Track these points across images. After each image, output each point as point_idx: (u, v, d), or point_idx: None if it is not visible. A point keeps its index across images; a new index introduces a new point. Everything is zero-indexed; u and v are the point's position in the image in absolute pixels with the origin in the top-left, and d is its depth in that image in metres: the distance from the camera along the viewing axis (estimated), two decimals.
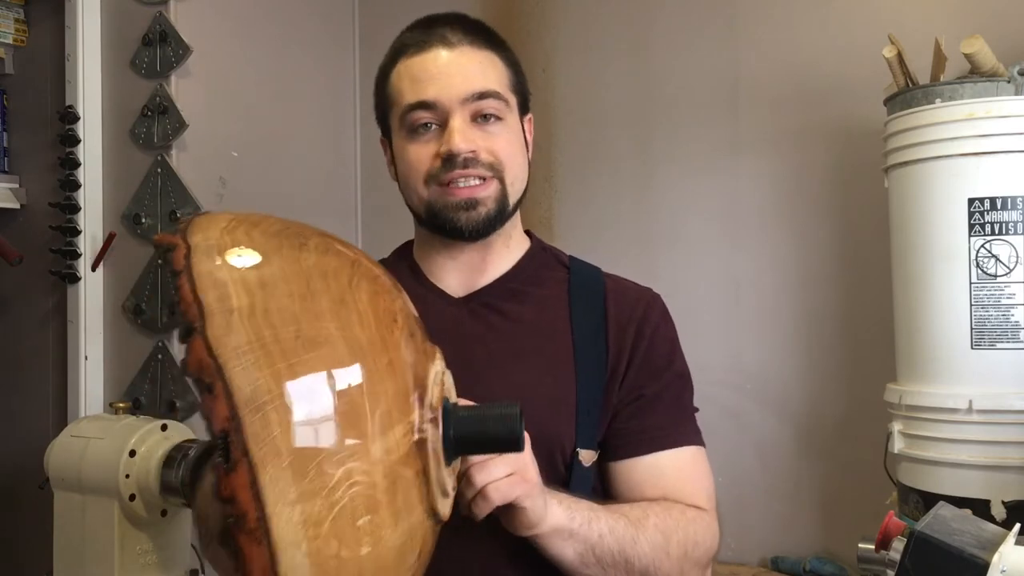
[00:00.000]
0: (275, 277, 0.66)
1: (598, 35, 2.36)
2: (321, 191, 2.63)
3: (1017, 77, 1.47)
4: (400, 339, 0.72)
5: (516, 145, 1.05)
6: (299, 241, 0.72)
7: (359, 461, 0.63)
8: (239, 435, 0.58)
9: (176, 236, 0.67)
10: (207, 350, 0.59)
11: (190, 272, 0.63)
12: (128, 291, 2.23)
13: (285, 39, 2.51)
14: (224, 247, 0.66)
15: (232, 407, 0.58)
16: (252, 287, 0.64)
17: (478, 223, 1.01)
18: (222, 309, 0.62)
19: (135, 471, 1.73)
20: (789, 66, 2.08)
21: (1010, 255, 1.44)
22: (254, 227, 0.71)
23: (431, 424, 0.71)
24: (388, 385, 0.67)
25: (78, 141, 2.20)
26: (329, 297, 0.68)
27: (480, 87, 1.00)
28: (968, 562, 0.73)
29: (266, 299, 0.64)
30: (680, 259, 2.20)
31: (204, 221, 0.69)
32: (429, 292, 1.07)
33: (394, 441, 0.66)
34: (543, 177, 2.41)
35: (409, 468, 0.68)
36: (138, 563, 1.76)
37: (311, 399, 0.62)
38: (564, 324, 1.04)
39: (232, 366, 0.59)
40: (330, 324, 0.66)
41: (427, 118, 1.01)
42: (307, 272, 0.68)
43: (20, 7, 2.35)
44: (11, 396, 2.39)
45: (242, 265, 0.66)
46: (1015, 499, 1.39)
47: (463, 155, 0.99)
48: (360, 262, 0.76)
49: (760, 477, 2.08)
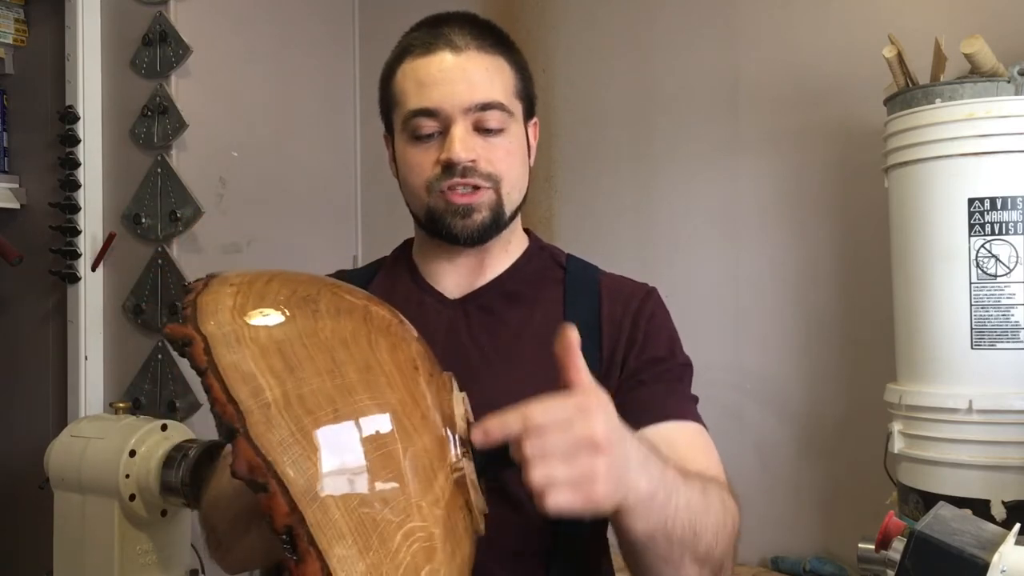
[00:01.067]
0: (300, 358, 0.66)
1: (598, 35, 2.36)
2: (321, 191, 2.63)
3: (1017, 77, 1.47)
4: (424, 386, 0.73)
5: (516, 155, 1.04)
6: (311, 308, 0.72)
7: (414, 520, 0.65)
8: (303, 527, 0.59)
9: (188, 328, 0.66)
10: (254, 450, 0.60)
11: (215, 369, 0.63)
12: (128, 291, 2.23)
13: (285, 39, 2.51)
14: (241, 332, 0.66)
15: (291, 502, 0.59)
16: (281, 374, 0.64)
17: (473, 230, 1.01)
18: (259, 405, 0.62)
19: (135, 471, 1.73)
20: (789, 66, 2.08)
21: (1010, 255, 1.44)
22: (262, 300, 0.70)
23: (465, 459, 0.73)
24: (425, 439, 0.69)
25: (78, 141, 2.20)
26: (355, 367, 0.68)
27: (484, 97, 1.00)
28: (968, 562, 0.73)
29: (298, 384, 0.64)
30: (680, 259, 2.20)
31: (211, 304, 0.69)
32: (426, 294, 1.07)
33: (440, 489, 0.68)
34: (543, 177, 2.41)
35: (455, 507, 0.70)
36: (138, 563, 1.76)
37: (359, 474, 0.64)
38: (559, 322, 1.03)
39: (282, 461, 0.60)
40: (363, 395, 0.67)
41: (430, 127, 1.00)
42: (328, 344, 0.69)
43: (20, 7, 2.35)
44: (11, 396, 2.39)
45: (265, 350, 0.66)
46: (1015, 499, 1.39)
47: (462, 164, 0.99)
48: (370, 313, 0.76)
49: (760, 477, 2.08)
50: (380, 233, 2.65)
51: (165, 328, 0.67)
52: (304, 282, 0.76)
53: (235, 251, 2.33)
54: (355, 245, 2.73)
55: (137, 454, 1.74)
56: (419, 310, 1.06)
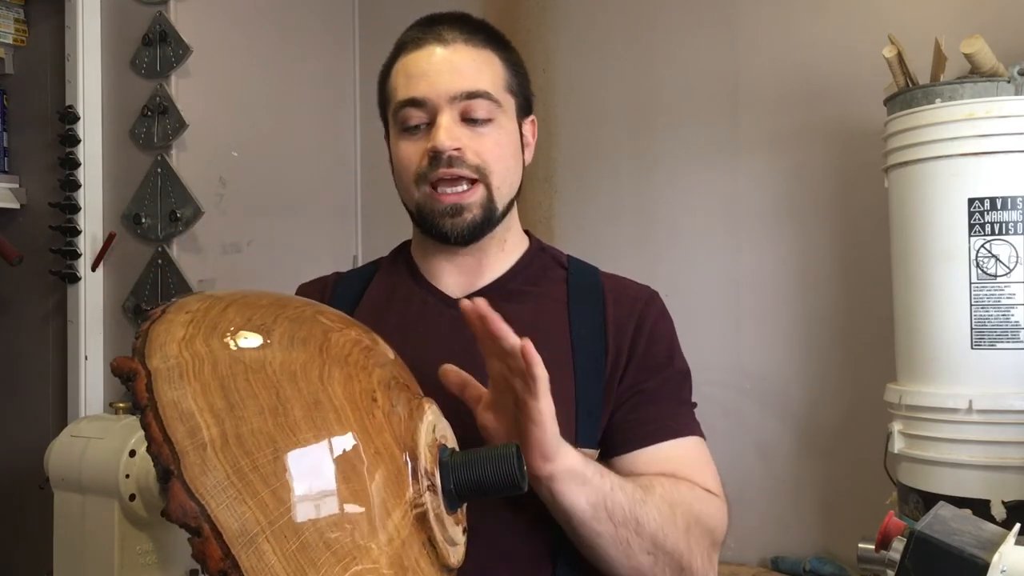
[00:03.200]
0: (243, 394, 0.64)
1: (598, 35, 2.35)
2: (321, 191, 2.63)
3: (1017, 77, 1.47)
4: (382, 419, 0.70)
5: (506, 147, 1.04)
6: (263, 338, 0.69)
7: (361, 563, 0.62)
8: (237, 572, 0.58)
9: (134, 361, 0.64)
10: (187, 493, 0.58)
11: (155, 406, 0.61)
12: (128, 291, 2.23)
13: (285, 39, 2.51)
14: (185, 368, 0.64)
15: (224, 546, 0.57)
16: (220, 413, 0.62)
17: (463, 229, 1.01)
18: (194, 446, 0.60)
19: (135, 471, 1.73)
20: (789, 66, 2.08)
21: (1010, 255, 1.44)
22: (212, 332, 0.68)
23: (429, 492, 0.71)
24: (378, 475, 0.66)
25: (78, 141, 2.20)
26: (302, 403, 0.65)
27: (470, 86, 1.00)
28: (968, 562, 0.73)
29: (237, 424, 0.62)
30: (680, 259, 2.20)
31: (161, 334, 0.67)
32: (428, 294, 1.07)
33: (394, 527, 0.66)
34: (543, 177, 2.41)
35: (414, 544, 0.68)
36: (138, 563, 1.76)
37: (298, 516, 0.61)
38: (562, 325, 1.03)
39: (215, 505, 0.58)
40: (308, 434, 0.64)
41: (417, 117, 1.01)
42: (275, 380, 0.66)
43: (20, 7, 2.35)
44: (11, 396, 2.39)
45: (206, 387, 0.63)
46: (1015, 499, 1.39)
47: (448, 153, 0.98)
48: (329, 341, 0.73)
49: (760, 477, 2.08)
50: (380, 233, 2.65)
51: (112, 361, 0.64)
52: (263, 308, 0.73)
53: (235, 251, 2.33)
54: (355, 245, 2.73)
55: (137, 454, 1.74)
56: (422, 310, 1.05)
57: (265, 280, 2.36)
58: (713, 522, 0.96)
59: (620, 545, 0.88)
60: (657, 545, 0.89)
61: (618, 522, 0.88)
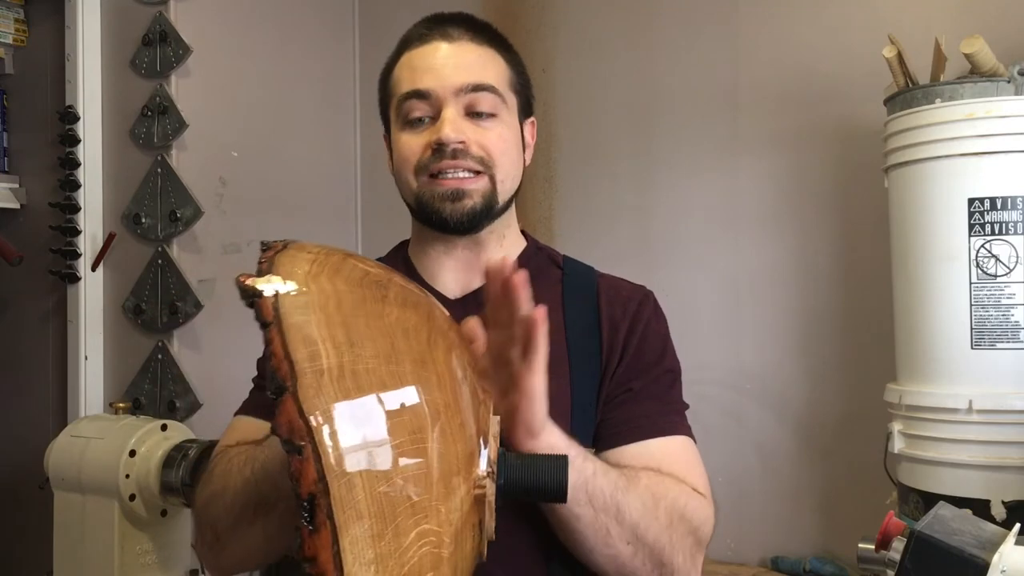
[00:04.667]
0: (362, 336, 0.67)
1: (598, 35, 2.36)
2: (321, 191, 2.63)
3: (1017, 77, 1.47)
4: (469, 396, 0.74)
5: (510, 142, 1.04)
6: (381, 292, 0.73)
7: (431, 522, 0.65)
8: (326, 499, 0.59)
9: (260, 281, 0.66)
10: (298, 411, 0.60)
11: (280, 325, 0.63)
12: (128, 291, 2.23)
13: (285, 39, 2.51)
14: (311, 298, 0.67)
15: (320, 471, 0.59)
16: (341, 346, 0.65)
17: (463, 215, 1.01)
18: (313, 369, 0.62)
19: (135, 471, 1.73)
20: (789, 66, 2.08)
21: (1010, 255, 1.44)
22: (336, 274, 0.71)
23: (489, 479, 0.73)
24: (459, 447, 0.69)
25: (78, 141, 2.20)
26: (411, 358, 0.69)
27: (476, 79, 1.00)
28: (968, 562, 0.73)
29: (354, 360, 0.65)
30: (680, 259, 2.20)
31: (287, 264, 0.69)
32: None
33: (459, 500, 0.69)
34: (543, 177, 2.41)
35: (469, 523, 0.70)
36: (138, 563, 1.76)
37: (390, 461, 0.64)
38: (558, 325, 1.03)
39: (322, 429, 0.60)
40: (413, 389, 0.68)
41: (421, 110, 1.01)
42: (391, 330, 0.70)
43: (20, 7, 2.35)
44: (11, 396, 2.39)
45: (330, 320, 0.66)
46: (1015, 499, 1.39)
47: (452, 145, 0.98)
48: (433, 313, 0.77)
49: (760, 477, 2.08)
50: (380, 233, 2.65)
51: (238, 277, 0.65)
52: (375, 267, 0.77)
53: (235, 251, 2.33)
54: (355, 245, 2.73)
55: (137, 454, 1.74)
56: None
57: None
58: (697, 520, 0.95)
59: (599, 532, 0.88)
60: (638, 536, 0.89)
61: (598, 507, 0.87)
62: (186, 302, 2.16)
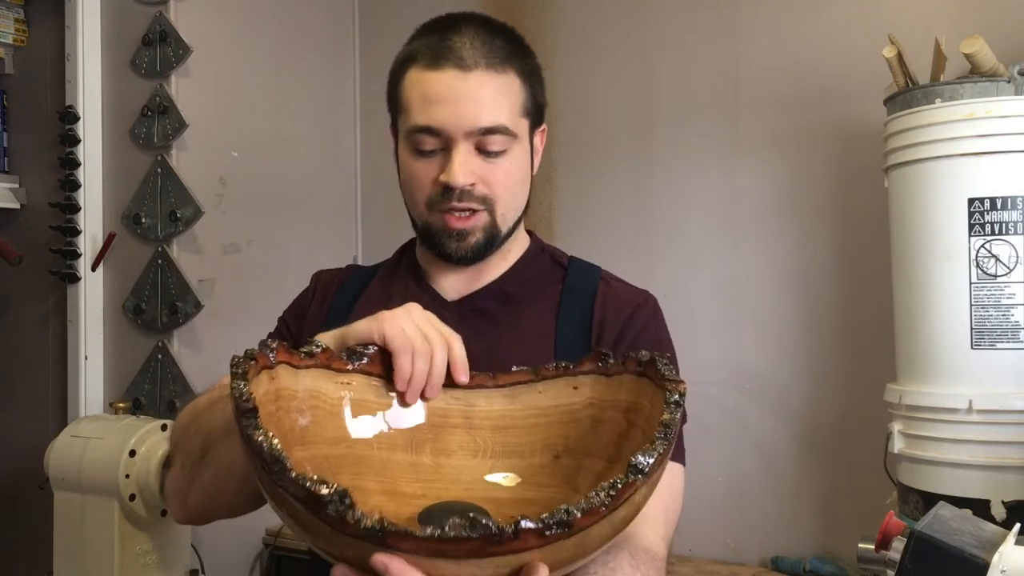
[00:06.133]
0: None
1: (598, 35, 2.35)
2: (321, 191, 2.63)
3: (1017, 77, 1.47)
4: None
5: (515, 176, 1.03)
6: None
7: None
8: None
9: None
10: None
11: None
12: (128, 291, 2.23)
13: (285, 39, 2.51)
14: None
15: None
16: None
17: (467, 251, 1.02)
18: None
19: (135, 471, 1.73)
20: (789, 66, 2.08)
21: (1010, 255, 1.44)
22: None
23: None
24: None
25: (78, 141, 2.20)
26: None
27: (488, 122, 0.99)
28: (968, 562, 0.73)
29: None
30: (680, 259, 2.20)
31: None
32: (424, 294, 1.07)
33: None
34: (543, 177, 2.41)
35: None
36: (138, 563, 1.76)
37: None
38: (549, 328, 1.03)
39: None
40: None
41: (431, 144, 1.00)
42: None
43: (20, 7, 2.35)
44: (11, 396, 2.39)
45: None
46: (1015, 499, 1.39)
47: (460, 188, 0.99)
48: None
49: (760, 477, 2.08)
50: (380, 233, 2.65)
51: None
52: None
53: (235, 251, 2.34)
54: (355, 245, 2.73)
55: (137, 454, 1.74)
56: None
57: (265, 280, 2.36)
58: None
59: None
60: None
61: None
62: (186, 302, 2.16)
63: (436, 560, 0.63)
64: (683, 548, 2.10)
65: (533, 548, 0.63)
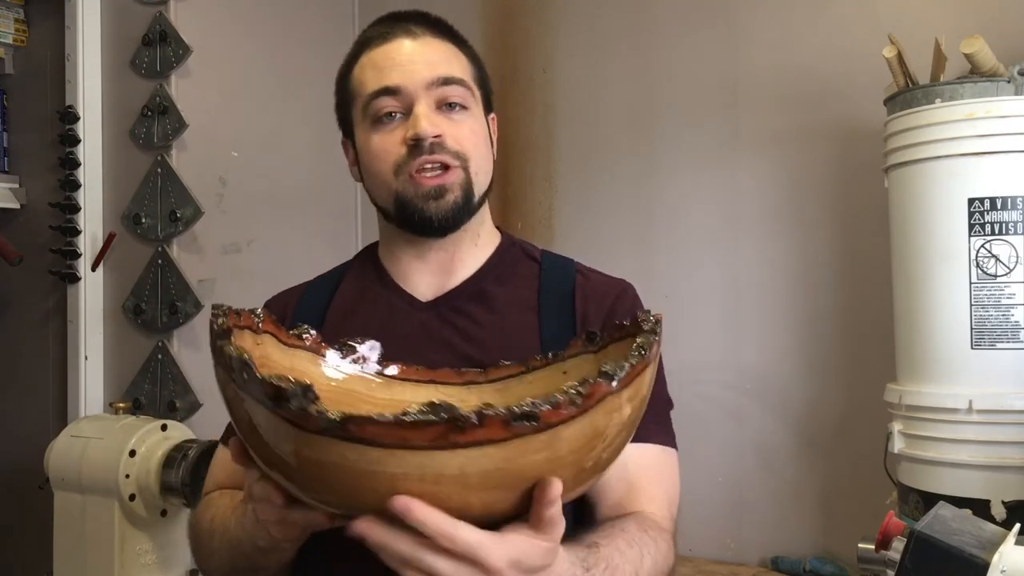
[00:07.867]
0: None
1: (598, 35, 2.35)
2: (321, 191, 2.63)
3: (1017, 77, 1.47)
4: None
5: (481, 135, 1.03)
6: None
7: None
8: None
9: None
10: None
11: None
12: (128, 291, 2.23)
13: (285, 39, 2.51)
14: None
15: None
16: None
17: (447, 211, 0.98)
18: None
19: (135, 471, 1.73)
20: (789, 66, 2.08)
21: (1010, 255, 1.44)
22: None
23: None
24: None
25: (78, 141, 2.20)
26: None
27: (445, 72, 1.00)
28: (968, 562, 0.73)
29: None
30: (680, 259, 2.20)
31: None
32: (396, 297, 1.05)
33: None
34: (543, 177, 2.41)
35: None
36: (138, 563, 1.76)
37: None
38: (532, 324, 1.01)
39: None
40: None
41: (391, 106, 0.99)
42: None
43: (20, 7, 2.35)
44: (11, 396, 2.39)
45: None
46: (1015, 499, 1.39)
47: (429, 139, 0.96)
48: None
49: (760, 477, 2.08)
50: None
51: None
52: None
53: (235, 251, 2.33)
54: (355, 245, 2.73)
55: (137, 454, 1.74)
56: (388, 313, 1.03)
57: (265, 280, 2.36)
58: (668, 569, 0.88)
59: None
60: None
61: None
62: (186, 302, 2.16)
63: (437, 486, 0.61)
64: (683, 548, 2.10)
65: (499, 441, 0.61)
